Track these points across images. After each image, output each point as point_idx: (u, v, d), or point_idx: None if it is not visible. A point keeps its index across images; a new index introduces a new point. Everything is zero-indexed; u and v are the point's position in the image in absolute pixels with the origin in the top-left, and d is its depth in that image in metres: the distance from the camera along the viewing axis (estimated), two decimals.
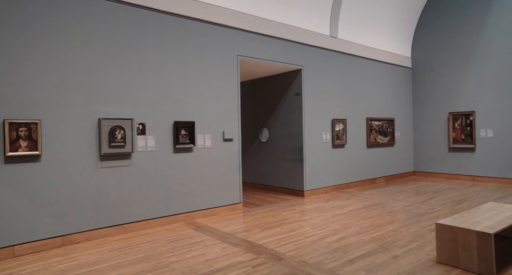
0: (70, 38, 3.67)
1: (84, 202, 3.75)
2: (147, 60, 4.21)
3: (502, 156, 6.94)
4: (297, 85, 6.04)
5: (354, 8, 6.66)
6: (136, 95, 4.13)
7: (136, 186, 4.11)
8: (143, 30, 4.18)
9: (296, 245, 3.47)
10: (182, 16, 4.50)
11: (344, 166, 6.68)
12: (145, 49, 4.19)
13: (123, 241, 3.74)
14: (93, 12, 3.82)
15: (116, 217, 3.97)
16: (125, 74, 4.04)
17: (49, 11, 3.56)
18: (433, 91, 8.01)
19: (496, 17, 6.96)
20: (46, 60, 3.53)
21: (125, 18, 4.04)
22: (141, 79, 4.16)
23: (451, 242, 2.85)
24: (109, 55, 3.92)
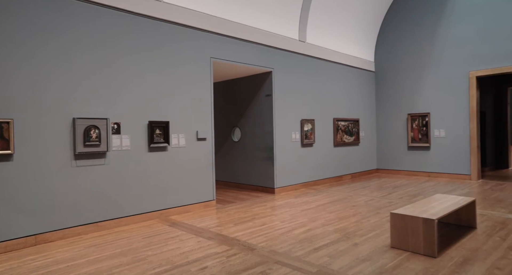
0: (44, 38, 3.69)
1: (58, 200, 3.79)
2: (122, 61, 4.29)
3: (452, 154, 7.61)
4: (268, 86, 6.31)
5: (321, 14, 7.04)
6: (112, 95, 4.20)
7: (111, 185, 4.19)
8: (118, 32, 4.26)
9: (267, 237, 3.72)
10: (157, 19, 4.62)
11: (312, 164, 7.04)
12: (120, 50, 4.27)
13: (98, 238, 3.81)
14: (68, 13, 3.86)
15: (90, 215, 4.02)
16: (100, 74, 4.10)
17: (23, 12, 3.56)
18: (394, 94, 8.59)
19: (445, 28, 7.61)
20: (19, 60, 3.54)
21: (100, 20, 4.10)
22: (116, 80, 4.24)
23: (402, 229, 3.22)
24: (83, 56, 3.97)
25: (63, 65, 3.83)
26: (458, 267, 2.78)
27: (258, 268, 2.86)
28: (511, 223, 4.04)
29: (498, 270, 2.71)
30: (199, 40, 5.11)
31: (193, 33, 5.04)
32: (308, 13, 6.70)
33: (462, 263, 2.87)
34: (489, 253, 3.08)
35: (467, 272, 2.69)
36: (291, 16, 6.48)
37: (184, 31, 4.93)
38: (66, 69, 3.85)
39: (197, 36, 5.09)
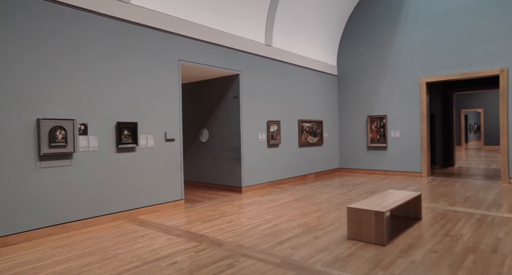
0: (7, 37, 3.63)
1: (22, 202, 3.74)
2: (89, 62, 4.29)
3: (406, 153, 8.25)
4: (235, 88, 6.51)
5: (287, 19, 7.36)
6: (78, 96, 4.19)
7: (78, 185, 4.18)
8: (84, 32, 4.26)
9: (234, 233, 3.92)
10: (125, 21, 4.66)
11: (278, 164, 7.34)
12: (87, 51, 4.27)
13: (65, 239, 3.80)
14: (31, 12, 3.82)
15: (57, 216, 4.00)
16: (65, 75, 4.09)
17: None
18: (355, 97, 9.13)
19: (399, 37, 8.24)
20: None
21: (65, 19, 4.09)
22: (82, 80, 4.23)
23: (357, 222, 3.55)
24: (48, 56, 3.94)
25: (26, 65, 3.78)
26: (402, 253, 3.14)
27: (226, 261, 3.06)
28: (450, 213, 4.55)
29: (434, 253, 3.11)
30: (167, 43, 5.20)
31: (161, 35, 5.12)
32: (274, 19, 6.98)
33: (406, 249, 3.24)
34: (429, 240, 3.50)
35: (409, 256, 3.06)
36: (257, 20, 6.73)
37: (153, 33, 5.01)
38: (29, 69, 3.81)
39: (165, 38, 5.18)
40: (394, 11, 8.33)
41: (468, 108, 19.23)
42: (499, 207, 4.88)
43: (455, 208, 4.90)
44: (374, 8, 8.66)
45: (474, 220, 4.21)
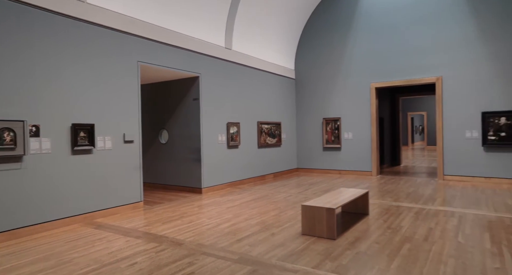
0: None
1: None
2: (42, 61, 4.14)
3: (358, 154, 8.83)
4: (195, 90, 6.57)
5: (247, 23, 7.55)
6: (29, 96, 4.03)
7: (29, 189, 4.02)
8: (36, 30, 4.11)
9: (194, 232, 4.01)
10: (80, 20, 4.55)
11: (238, 164, 7.50)
12: (40, 50, 4.13)
13: (15, 246, 3.65)
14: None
15: (4, 222, 3.82)
16: (15, 75, 3.92)
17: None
18: (311, 99, 9.57)
19: (351, 45, 8.80)
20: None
21: (14, 15, 3.92)
22: (34, 81, 4.08)
23: (311, 218, 3.82)
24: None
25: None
26: (350, 245, 3.45)
27: (186, 259, 3.15)
28: (393, 208, 5.01)
29: (377, 244, 3.46)
30: (126, 44, 5.15)
31: (120, 36, 5.06)
32: (233, 22, 7.14)
33: (354, 241, 3.56)
34: (373, 232, 3.87)
35: (355, 248, 3.37)
36: (217, 24, 6.85)
37: (111, 34, 4.93)
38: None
39: (124, 39, 5.12)
40: (347, 20, 8.87)
41: (413, 111, 20.82)
42: (434, 201, 5.46)
43: (398, 203, 5.39)
44: (328, 16, 9.15)
45: (412, 214, 4.69)
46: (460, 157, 7.49)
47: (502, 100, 7.04)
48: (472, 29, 7.31)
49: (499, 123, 7.01)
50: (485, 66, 7.21)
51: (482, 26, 7.21)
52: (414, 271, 2.79)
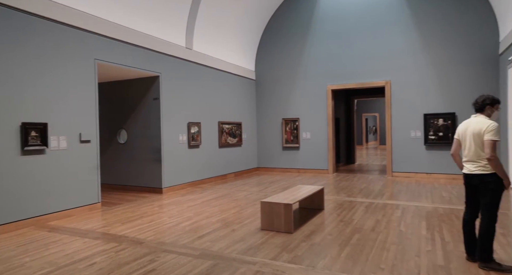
0: None
1: None
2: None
3: (315, 153, 9.24)
4: (156, 90, 6.52)
5: (208, 25, 7.61)
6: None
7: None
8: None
9: (155, 231, 4.03)
10: (35, 15, 4.36)
11: (199, 164, 7.54)
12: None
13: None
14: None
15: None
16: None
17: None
18: (271, 100, 9.84)
19: (309, 48, 9.20)
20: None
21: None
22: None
23: (269, 214, 4.01)
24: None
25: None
26: (305, 238, 3.69)
27: (147, 257, 3.19)
28: (346, 203, 5.38)
29: (330, 236, 3.73)
30: (82, 41, 5.00)
31: (76, 33, 4.90)
32: (194, 23, 7.17)
33: (309, 234, 3.81)
34: (327, 225, 4.15)
35: (311, 240, 3.61)
36: (178, 24, 6.84)
37: (66, 30, 4.77)
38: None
39: (80, 36, 4.97)
40: (304, 25, 9.25)
41: (368, 112, 22.03)
42: (382, 196, 5.93)
43: (351, 198, 5.78)
44: (287, 20, 9.47)
45: (363, 207, 5.07)
46: (406, 155, 8.15)
47: (440, 103, 7.78)
48: (416, 38, 7.99)
49: (438, 124, 7.74)
50: (426, 72, 7.91)
51: (424, 36, 7.91)
52: (361, 258, 3.08)
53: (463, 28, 7.54)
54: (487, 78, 7.36)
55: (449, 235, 3.66)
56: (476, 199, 2.87)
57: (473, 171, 2.81)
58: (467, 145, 2.87)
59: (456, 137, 3.02)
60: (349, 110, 12.09)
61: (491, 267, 2.69)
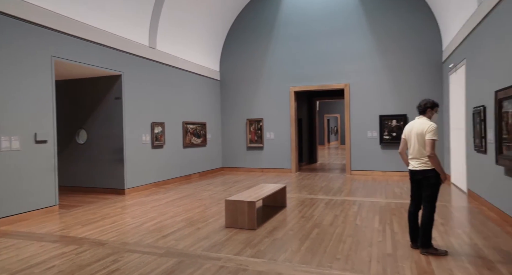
0: None
1: None
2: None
3: (279, 152, 9.48)
4: (118, 89, 6.37)
5: (172, 25, 7.56)
6: None
7: None
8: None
9: (118, 232, 3.99)
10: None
11: (163, 164, 7.46)
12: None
13: None
14: None
15: None
16: None
17: None
18: (236, 101, 9.95)
19: (272, 50, 9.44)
20: None
21: None
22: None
23: (233, 211, 4.12)
24: None
25: None
26: (268, 234, 3.85)
27: (110, 257, 3.17)
28: (308, 200, 5.63)
29: (291, 231, 3.92)
30: (38, 37, 4.79)
31: (32, 28, 4.69)
32: (158, 23, 7.10)
33: (272, 230, 3.97)
34: (289, 222, 4.34)
35: (273, 235, 3.77)
36: (141, 23, 6.74)
37: (22, 25, 4.54)
38: None
39: (36, 32, 4.76)
40: (268, 28, 9.46)
41: (329, 113, 22.85)
42: (341, 193, 6.27)
43: (312, 196, 6.05)
44: (251, 22, 9.63)
45: (323, 204, 5.34)
46: (363, 154, 8.63)
47: (394, 105, 8.34)
48: (372, 44, 8.50)
49: (392, 125, 8.30)
50: (382, 76, 8.45)
51: (379, 41, 8.44)
52: (319, 250, 3.28)
53: (412, 36, 8.14)
54: (433, 83, 8.01)
55: (398, 226, 3.99)
56: (419, 192, 3.18)
57: (417, 167, 3.12)
58: (412, 144, 3.17)
59: (403, 137, 3.32)
60: (311, 111, 12.52)
61: (430, 252, 3.01)
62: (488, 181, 4.69)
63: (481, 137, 4.76)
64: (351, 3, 8.67)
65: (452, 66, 6.73)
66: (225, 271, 2.82)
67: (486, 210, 4.73)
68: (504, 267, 2.79)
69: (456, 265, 2.83)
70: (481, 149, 4.79)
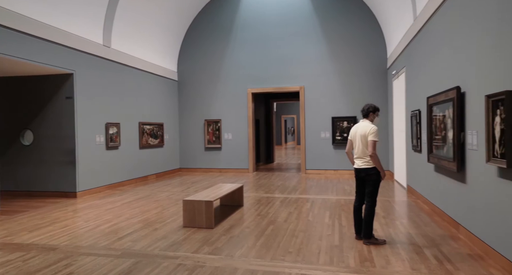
0: None
1: None
2: None
3: (237, 153, 9.64)
4: (69, 88, 6.11)
5: (128, 24, 7.37)
6: None
7: None
8: None
9: (70, 236, 3.87)
10: None
11: (118, 166, 7.26)
12: None
13: None
14: None
15: None
16: None
17: None
18: (194, 102, 9.93)
19: (230, 52, 9.57)
20: None
21: None
22: None
23: (191, 211, 4.19)
24: None
25: None
26: (225, 232, 3.97)
27: (62, 262, 3.09)
28: (264, 199, 5.84)
29: (247, 228, 4.09)
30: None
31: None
32: (113, 20, 6.90)
33: (229, 228, 4.10)
34: (246, 220, 4.51)
35: (230, 233, 3.91)
36: (95, 20, 6.51)
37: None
38: None
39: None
40: (226, 30, 9.58)
41: (287, 114, 23.49)
42: (296, 191, 6.58)
43: (269, 194, 6.28)
44: (209, 24, 9.69)
45: (279, 202, 5.58)
46: (317, 154, 9.08)
47: (345, 107, 8.87)
48: (325, 49, 8.97)
49: (343, 126, 8.84)
50: (334, 79, 8.95)
51: (331, 47, 8.93)
52: (273, 245, 3.48)
53: (362, 43, 8.73)
54: (380, 88, 8.67)
55: (346, 221, 4.33)
56: (363, 189, 3.51)
57: (361, 166, 3.44)
58: (357, 144, 3.49)
59: (349, 138, 3.64)
60: (269, 112, 12.84)
61: (371, 242, 3.34)
62: (422, 177, 5.23)
63: (417, 138, 5.30)
64: (306, 9, 9.07)
65: (394, 73, 7.35)
66: (182, 268, 2.91)
67: (420, 203, 5.27)
68: (428, 251, 3.20)
69: (392, 252, 3.18)
70: (417, 148, 5.33)
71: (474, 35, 3.25)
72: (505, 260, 2.68)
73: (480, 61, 3.12)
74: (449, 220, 3.98)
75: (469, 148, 3.37)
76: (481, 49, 3.10)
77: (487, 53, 2.98)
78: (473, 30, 3.27)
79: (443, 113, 3.98)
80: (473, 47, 3.26)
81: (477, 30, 3.18)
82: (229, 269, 2.88)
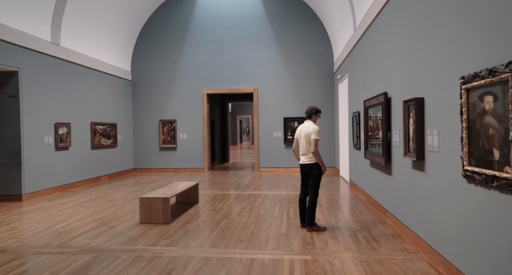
0: None
1: None
2: None
3: (192, 153, 9.76)
4: (14, 87, 5.86)
5: (78, 22, 7.19)
6: None
7: None
8: None
9: (20, 238, 3.82)
10: None
11: (68, 167, 7.06)
12: None
13: None
14: None
15: None
16: None
17: None
18: (148, 102, 9.87)
19: (186, 53, 9.69)
20: None
21: None
22: None
23: (148, 208, 4.33)
24: None
25: None
26: (182, 226, 4.18)
27: (14, 262, 3.11)
28: (219, 196, 6.11)
29: (203, 222, 4.34)
30: None
31: None
32: (62, 17, 6.71)
33: (185, 223, 4.32)
34: (201, 215, 4.75)
35: (186, 227, 4.13)
36: (42, 18, 6.29)
37: None
38: None
39: None
40: (182, 31, 9.67)
41: (242, 114, 23.88)
42: (249, 188, 6.93)
43: (223, 192, 6.55)
44: (164, 25, 9.71)
45: (233, 198, 5.88)
46: (270, 153, 9.53)
47: (295, 108, 9.43)
48: (277, 53, 9.45)
49: (294, 126, 9.38)
50: (285, 82, 9.46)
51: (283, 51, 9.44)
52: (226, 235, 3.77)
53: (311, 48, 9.34)
54: (327, 90, 9.35)
55: (293, 212, 4.75)
56: (307, 182, 3.94)
57: (305, 162, 3.86)
58: (301, 143, 3.91)
59: (295, 137, 4.04)
60: (224, 112, 13.09)
61: (314, 229, 3.78)
62: (360, 172, 5.86)
63: (357, 137, 5.92)
64: (259, 14, 9.48)
65: (339, 77, 8.02)
66: (141, 259, 3.09)
67: (360, 195, 5.90)
68: (360, 234, 3.72)
69: (331, 236, 3.64)
70: (357, 146, 5.95)
71: (397, 48, 3.83)
72: (416, 237, 3.25)
73: (399, 71, 3.70)
74: (380, 208, 4.58)
75: (394, 145, 3.95)
76: (400, 60, 3.68)
77: (404, 64, 3.55)
78: (396, 44, 3.85)
79: (375, 115, 4.57)
80: (396, 59, 3.84)
81: (399, 45, 3.75)
82: (185, 258, 3.12)
